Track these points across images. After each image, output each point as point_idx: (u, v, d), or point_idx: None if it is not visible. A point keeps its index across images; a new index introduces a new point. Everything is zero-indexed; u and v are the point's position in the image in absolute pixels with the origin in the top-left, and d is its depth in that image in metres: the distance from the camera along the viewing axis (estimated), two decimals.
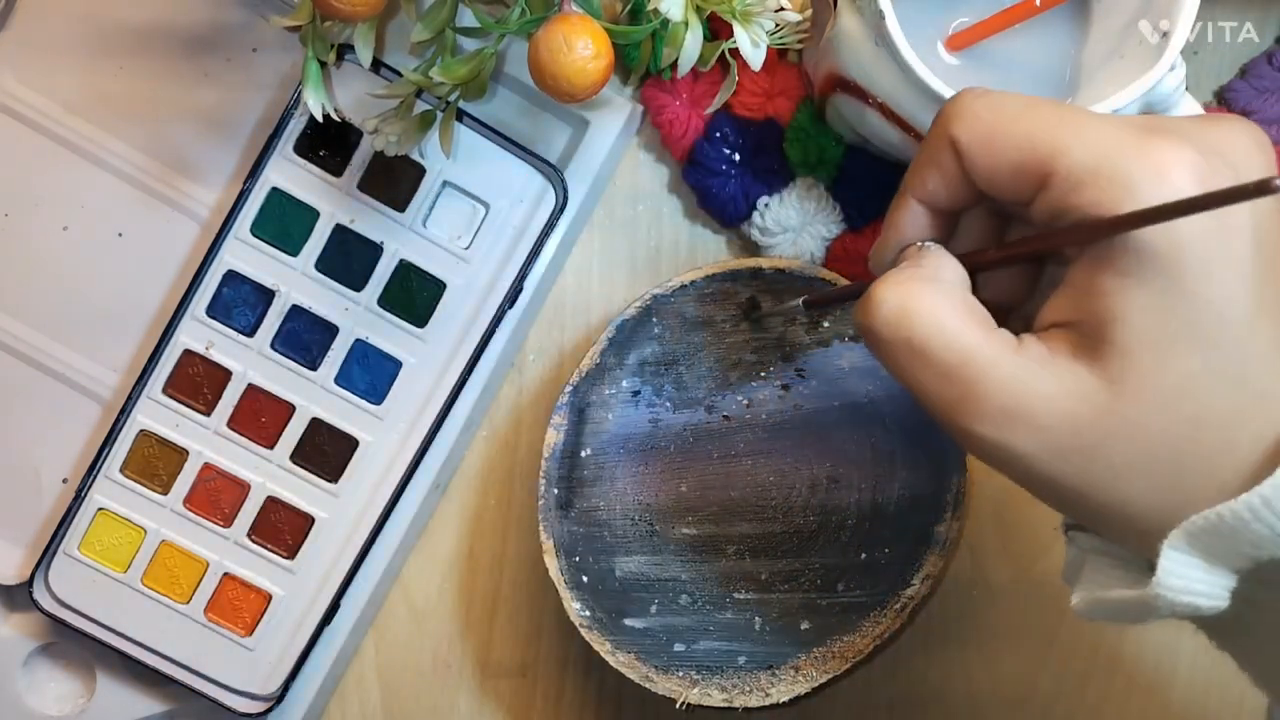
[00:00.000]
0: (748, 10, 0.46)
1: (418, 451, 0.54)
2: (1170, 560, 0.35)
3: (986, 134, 0.37)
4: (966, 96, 0.38)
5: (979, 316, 0.37)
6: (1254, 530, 0.34)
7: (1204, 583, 0.35)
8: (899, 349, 0.37)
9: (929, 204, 0.39)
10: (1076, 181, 0.35)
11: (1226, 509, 0.34)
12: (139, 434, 0.54)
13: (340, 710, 0.58)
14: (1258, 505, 0.34)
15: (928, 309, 0.37)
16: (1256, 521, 0.34)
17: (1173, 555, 0.35)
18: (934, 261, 0.39)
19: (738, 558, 0.55)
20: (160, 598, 0.54)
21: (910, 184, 0.39)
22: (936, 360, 0.36)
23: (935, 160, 0.38)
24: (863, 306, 0.38)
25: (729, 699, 0.52)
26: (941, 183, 0.38)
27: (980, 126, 0.37)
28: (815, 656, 0.53)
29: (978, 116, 0.37)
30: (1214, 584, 0.35)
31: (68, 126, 0.53)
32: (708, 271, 0.52)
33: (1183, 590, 0.35)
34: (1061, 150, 0.35)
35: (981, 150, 0.37)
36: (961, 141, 0.37)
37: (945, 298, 0.37)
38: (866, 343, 0.38)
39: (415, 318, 0.54)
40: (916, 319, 0.37)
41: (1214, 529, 0.34)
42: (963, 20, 0.50)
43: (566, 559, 0.53)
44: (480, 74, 0.49)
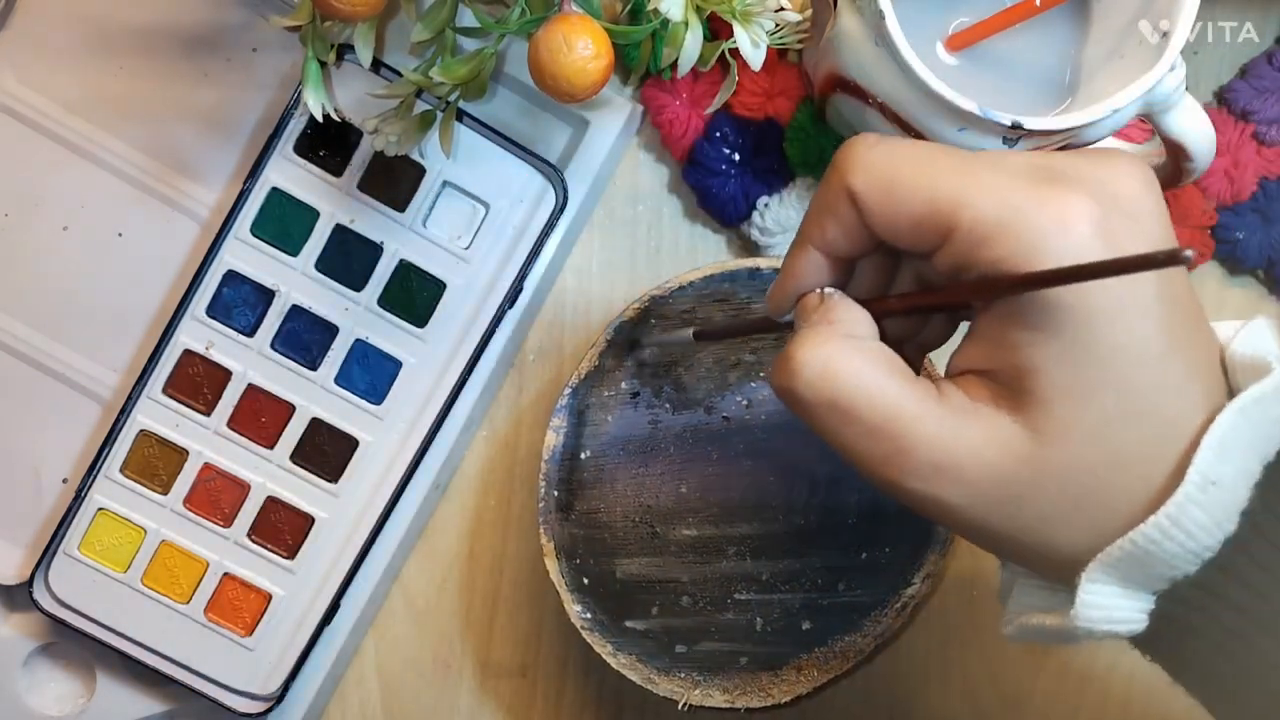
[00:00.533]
0: (748, 10, 0.46)
1: (418, 451, 0.54)
2: (1088, 592, 0.36)
3: (886, 185, 0.36)
4: (861, 145, 0.37)
5: (900, 370, 0.37)
6: (1166, 550, 0.35)
7: (1121, 609, 0.36)
8: (823, 410, 0.37)
9: (827, 252, 0.39)
10: (981, 236, 0.35)
11: (1138, 534, 0.35)
12: (139, 434, 0.54)
13: (340, 710, 0.58)
14: (1166, 525, 0.35)
15: (850, 369, 0.37)
16: (1167, 540, 0.35)
17: (1090, 588, 0.36)
18: (845, 315, 0.39)
19: (738, 558, 0.55)
20: (160, 598, 0.54)
21: (808, 232, 0.39)
22: (862, 419, 0.36)
23: (833, 210, 0.38)
24: (782, 369, 0.37)
25: (731, 700, 0.52)
26: (840, 232, 0.38)
27: (877, 177, 0.36)
28: (817, 656, 0.53)
29: (874, 166, 0.37)
30: (1131, 609, 0.36)
31: (68, 126, 0.53)
32: (706, 272, 0.52)
33: (1101, 619, 0.36)
34: (963, 204, 0.35)
35: (879, 202, 0.36)
36: (859, 192, 0.37)
37: (865, 355, 0.37)
38: (787, 404, 0.38)
39: (415, 318, 0.54)
40: (840, 379, 0.36)
41: (1129, 556, 0.35)
42: (962, 20, 0.50)
43: (567, 561, 0.53)
44: (480, 74, 0.49)
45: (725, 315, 0.54)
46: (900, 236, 0.37)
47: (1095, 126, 0.46)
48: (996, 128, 0.45)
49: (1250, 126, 0.55)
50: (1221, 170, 0.55)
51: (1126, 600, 0.36)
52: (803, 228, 0.39)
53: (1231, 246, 0.56)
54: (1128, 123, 0.48)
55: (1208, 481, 0.35)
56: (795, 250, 0.40)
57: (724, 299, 0.53)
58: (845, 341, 0.37)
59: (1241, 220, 0.55)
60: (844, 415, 0.37)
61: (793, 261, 0.40)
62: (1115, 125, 0.47)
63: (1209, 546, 0.35)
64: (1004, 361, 0.36)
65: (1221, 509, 0.35)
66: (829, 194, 0.38)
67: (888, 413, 0.36)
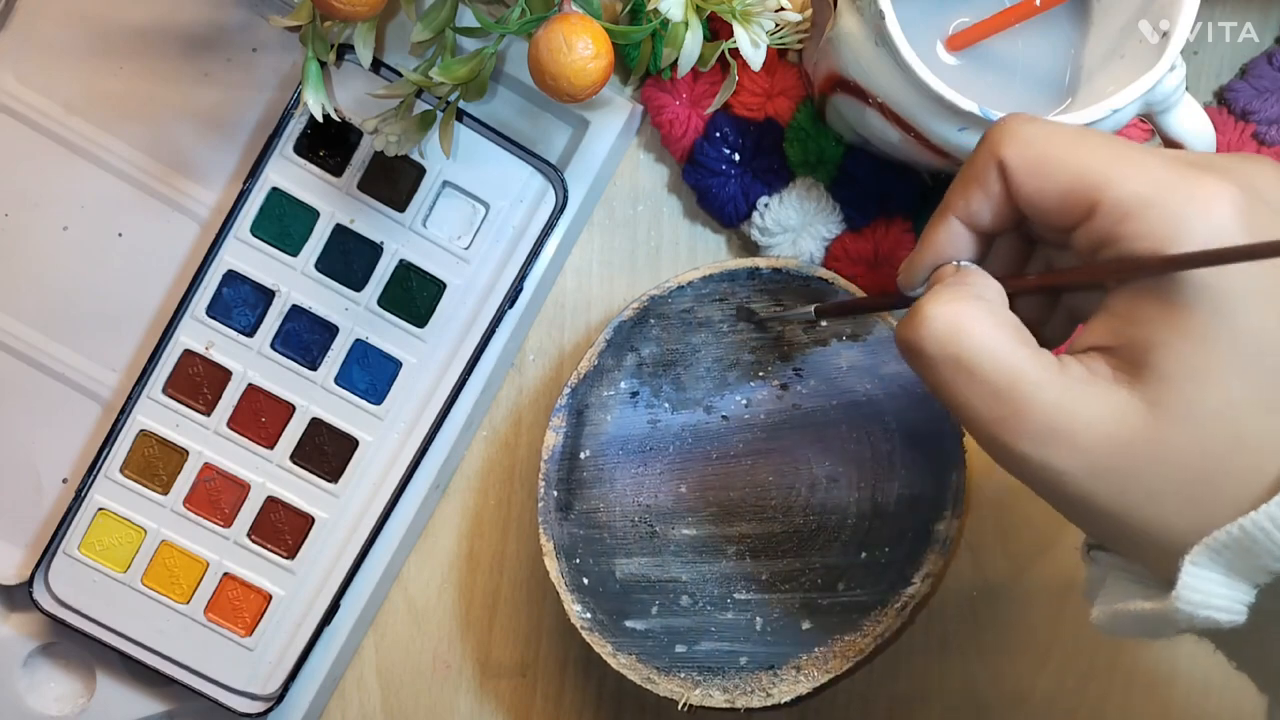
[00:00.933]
0: (748, 10, 0.46)
1: (418, 451, 0.54)
2: (1190, 575, 0.36)
3: (1037, 159, 0.37)
4: (1016, 120, 0.38)
5: (1025, 337, 0.38)
6: (1275, 540, 0.35)
7: (1223, 597, 0.36)
8: (946, 366, 0.37)
9: (969, 224, 0.40)
10: (1124, 213, 0.36)
11: (1247, 520, 0.35)
12: (139, 434, 0.54)
13: (340, 710, 0.58)
14: (1277, 514, 0.34)
15: (978, 328, 0.37)
16: (1276, 530, 0.35)
17: (1193, 570, 0.36)
18: (978, 281, 0.39)
19: (738, 558, 0.55)
20: (160, 598, 0.54)
21: (952, 202, 0.40)
22: (985, 378, 0.37)
23: (981, 180, 0.39)
24: (910, 323, 0.38)
25: (731, 700, 0.52)
26: (985, 203, 0.39)
27: (1031, 151, 0.37)
28: (817, 656, 0.53)
29: (1030, 142, 0.38)
30: (1233, 598, 0.36)
31: (68, 126, 0.53)
32: (705, 272, 0.52)
33: (1201, 604, 0.36)
34: (1111, 181, 0.36)
35: (1030, 175, 0.37)
36: (1010, 164, 0.38)
37: (994, 317, 0.38)
38: (908, 358, 0.39)
39: (415, 318, 0.54)
40: (966, 337, 0.37)
41: (1235, 543, 0.35)
42: (963, 20, 0.50)
43: (567, 561, 0.53)
44: (480, 74, 0.49)
45: (724, 314, 0.54)
46: (1045, 210, 0.38)
47: (1095, 126, 0.46)
48: None
49: (1250, 126, 0.55)
50: None
51: (1228, 589, 0.36)
52: (947, 199, 0.40)
53: None
54: (1128, 123, 0.48)
55: None
56: (936, 221, 0.40)
57: (723, 299, 0.53)
58: (975, 302, 0.38)
59: None
60: (968, 373, 0.37)
61: (933, 232, 0.40)
62: (1115, 125, 0.47)
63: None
64: (1132, 336, 0.36)
65: None
66: (978, 165, 0.38)
67: (1010, 375, 0.37)
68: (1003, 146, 0.38)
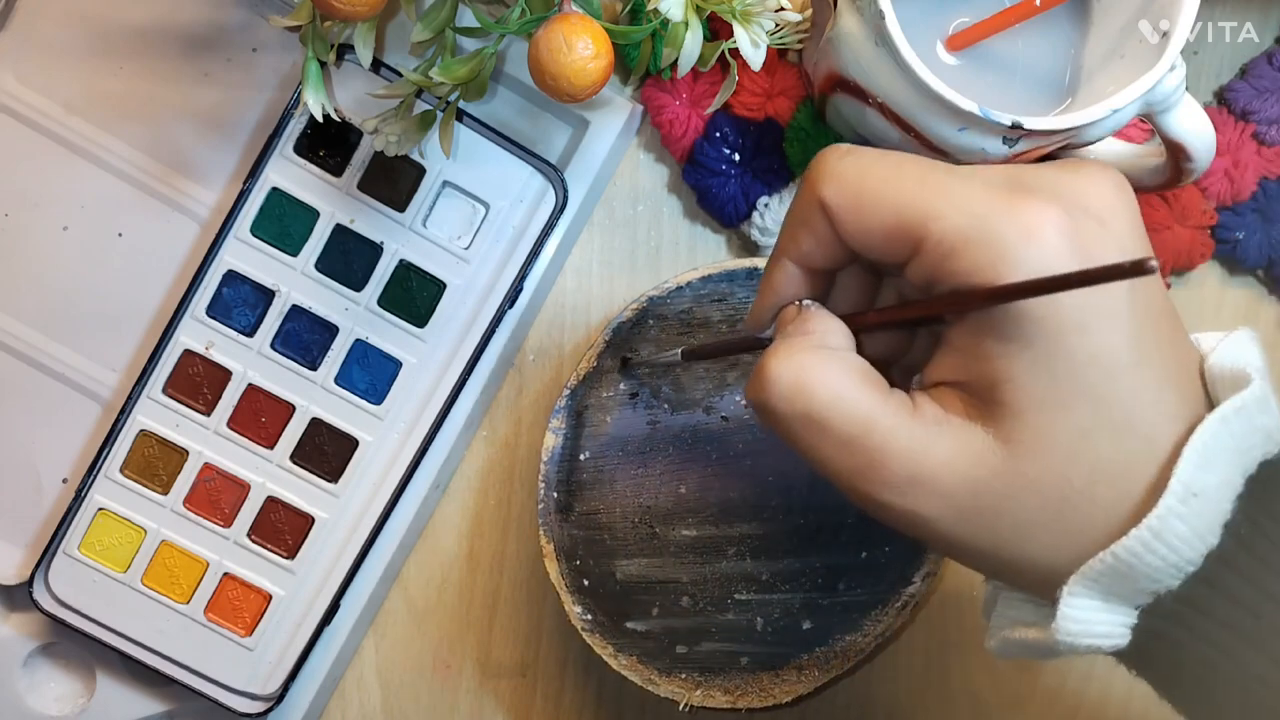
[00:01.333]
0: (748, 10, 0.46)
1: (418, 451, 0.54)
2: (1069, 606, 0.36)
3: (854, 197, 0.36)
4: (831, 156, 0.37)
5: (874, 381, 0.37)
6: (1148, 563, 0.35)
7: (1103, 623, 0.36)
8: (797, 423, 0.37)
9: (803, 264, 0.39)
10: (949, 248, 0.35)
11: (1119, 546, 0.35)
12: (139, 434, 0.54)
13: (340, 710, 0.58)
14: (1148, 537, 0.34)
15: (824, 380, 0.36)
16: (1149, 553, 0.35)
17: (1071, 601, 0.36)
18: (820, 326, 0.38)
19: (738, 558, 0.55)
20: (160, 598, 0.54)
21: (783, 246, 0.39)
22: (837, 432, 0.36)
23: (806, 221, 0.38)
24: (756, 382, 0.37)
25: (732, 700, 0.52)
26: (814, 244, 0.38)
27: (848, 189, 0.36)
28: (817, 656, 0.53)
29: (844, 179, 0.37)
30: (1113, 623, 0.36)
31: (68, 126, 0.53)
32: (704, 273, 0.52)
33: (1082, 633, 0.36)
34: (931, 215, 0.35)
35: (850, 214, 0.36)
36: (830, 204, 0.37)
37: (839, 365, 0.37)
38: (760, 417, 0.38)
39: (415, 318, 0.54)
40: (814, 391, 0.36)
41: (1110, 570, 0.35)
42: (963, 20, 0.50)
43: (567, 562, 0.53)
44: (480, 74, 0.49)
45: (723, 314, 0.54)
46: (871, 248, 0.37)
47: (1095, 126, 0.46)
48: (996, 128, 0.45)
49: (1250, 126, 0.55)
50: (1221, 170, 0.55)
51: (1109, 614, 0.36)
52: (779, 241, 0.39)
53: (1231, 246, 0.56)
54: (1128, 123, 0.48)
55: (1189, 492, 0.34)
56: (772, 264, 0.40)
57: (722, 299, 0.53)
58: (818, 352, 0.37)
59: (1241, 220, 0.55)
60: (818, 428, 0.36)
61: (770, 275, 0.40)
62: (1115, 125, 0.47)
63: (1191, 560, 0.35)
64: (976, 373, 0.36)
65: (1203, 521, 0.35)
66: (801, 206, 0.38)
67: (861, 425, 0.36)
68: (821, 185, 0.37)
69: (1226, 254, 0.56)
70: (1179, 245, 0.55)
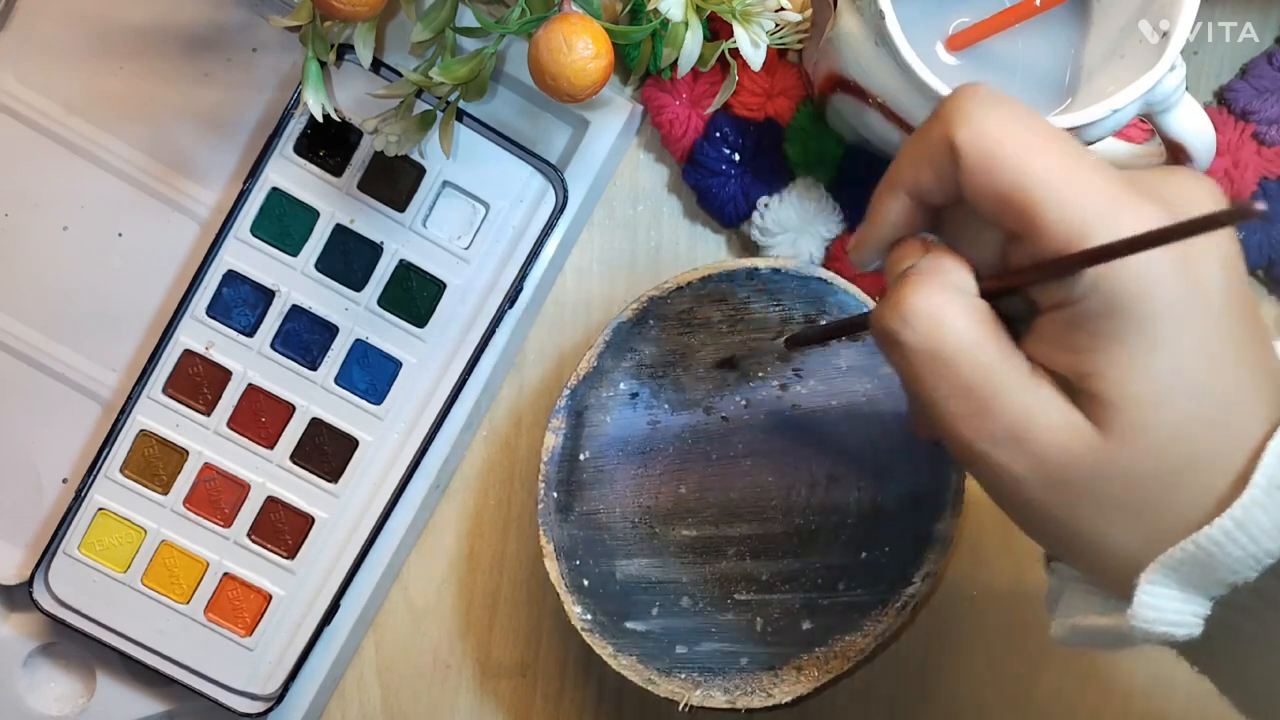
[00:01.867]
0: (748, 10, 0.46)
1: (418, 451, 0.54)
2: (1146, 593, 0.36)
3: (987, 152, 0.36)
4: (975, 100, 0.36)
5: (1001, 334, 0.37)
6: (1229, 554, 0.35)
7: (1178, 612, 0.36)
8: (924, 358, 0.37)
9: (918, 198, 0.38)
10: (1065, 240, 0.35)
11: (1202, 535, 0.35)
12: (139, 434, 0.54)
13: (340, 710, 0.58)
14: (1230, 528, 0.35)
15: (959, 322, 0.37)
16: (1231, 544, 0.35)
17: (1149, 589, 0.36)
18: (951, 265, 0.38)
19: (738, 559, 0.55)
20: (160, 598, 0.54)
21: (900, 177, 0.38)
22: (960, 374, 0.36)
23: (933, 159, 0.37)
24: (890, 312, 0.37)
25: (731, 700, 0.52)
26: (935, 181, 0.37)
27: (984, 142, 0.36)
28: (817, 656, 0.53)
29: (984, 130, 0.36)
30: (1188, 613, 0.36)
31: (68, 126, 0.53)
32: (704, 273, 0.52)
33: (1156, 620, 0.36)
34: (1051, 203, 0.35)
35: (978, 168, 0.36)
36: (962, 150, 0.36)
37: (975, 310, 0.37)
38: (884, 346, 0.38)
39: (415, 318, 0.54)
40: (947, 330, 0.36)
41: (1190, 559, 0.35)
42: (962, 20, 0.50)
43: (567, 562, 0.53)
44: (480, 74, 0.49)
45: (723, 314, 0.54)
46: (983, 206, 0.36)
47: (1095, 126, 0.46)
48: None
49: (1250, 126, 0.55)
50: (1221, 170, 0.55)
51: (1184, 604, 0.36)
52: (894, 172, 0.39)
53: None
54: (1128, 123, 0.48)
55: (1274, 485, 0.35)
56: (885, 194, 0.39)
57: (722, 299, 0.53)
58: (955, 293, 0.37)
59: None
60: (944, 367, 0.36)
61: (881, 206, 0.39)
62: (1115, 125, 0.47)
63: (1271, 552, 0.35)
64: (1064, 364, 0.36)
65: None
66: (929, 141, 0.37)
67: (984, 373, 0.36)
68: (957, 127, 0.36)
69: None
70: None
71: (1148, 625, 0.36)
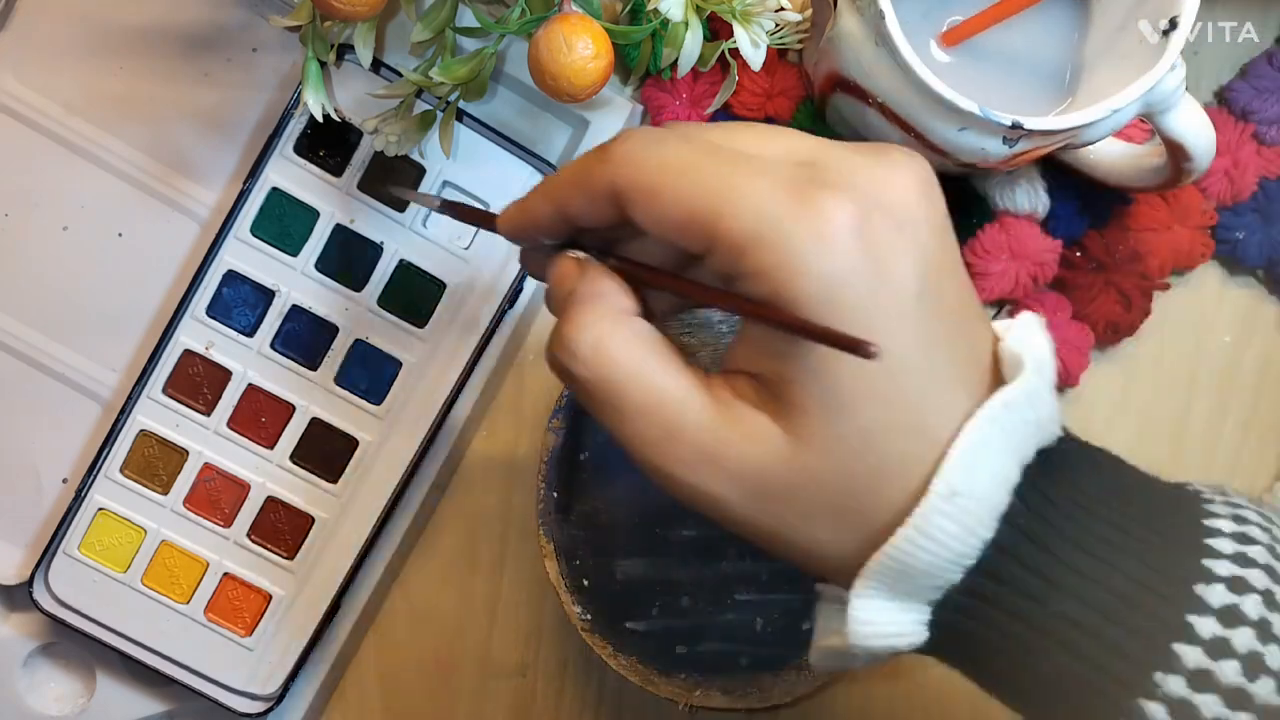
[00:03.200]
0: (747, 10, 0.46)
1: (418, 451, 0.54)
2: (857, 608, 0.35)
3: (649, 189, 0.36)
4: (630, 144, 0.36)
5: (669, 353, 0.37)
6: (922, 560, 0.35)
7: (896, 623, 0.36)
8: (598, 389, 0.36)
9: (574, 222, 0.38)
10: (739, 249, 0.34)
11: (890, 546, 0.35)
12: (139, 434, 0.54)
13: (340, 710, 0.58)
14: (914, 536, 0.34)
15: (623, 351, 0.36)
16: (920, 551, 0.34)
17: (859, 603, 0.35)
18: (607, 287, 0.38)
19: (738, 559, 0.55)
20: (160, 598, 0.54)
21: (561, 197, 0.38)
22: (633, 401, 0.36)
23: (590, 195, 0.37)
24: (557, 346, 0.37)
25: (731, 700, 0.52)
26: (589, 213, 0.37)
27: (643, 180, 0.36)
28: None
29: (641, 168, 0.36)
30: (907, 621, 0.36)
31: (68, 126, 0.53)
32: None
33: (873, 634, 0.36)
34: (721, 215, 0.34)
35: (644, 205, 0.36)
36: (622, 191, 0.36)
37: (636, 335, 0.37)
38: (563, 380, 0.38)
39: (415, 318, 0.54)
40: (614, 360, 0.36)
41: (887, 569, 0.35)
42: (955, 19, 0.50)
43: (567, 562, 0.53)
44: (480, 74, 0.49)
45: (722, 314, 0.53)
46: (667, 238, 0.36)
47: (1095, 126, 0.46)
48: (997, 128, 0.45)
49: (1250, 126, 0.55)
50: (1221, 170, 0.55)
51: (902, 613, 0.36)
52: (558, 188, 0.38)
53: (1231, 246, 0.56)
54: (1128, 123, 0.48)
55: (952, 492, 0.34)
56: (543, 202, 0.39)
57: None
58: (615, 319, 0.37)
59: (1241, 220, 0.55)
60: (618, 397, 0.36)
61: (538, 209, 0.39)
62: (1115, 125, 0.47)
63: (964, 554, 0.35)
64: (765, 367, 0.36)
65: (972, 517, 0.35)
66: (588, 179, 0.37)
67: (659, 397, 0.36)
68: (615, 169, 0.36)
69: (1226, 254, 0.56)
70: (1179, 245, 0.55)
71: (864, 640, 0.36)
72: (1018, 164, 0.49)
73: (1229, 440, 0.57)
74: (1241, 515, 0.37)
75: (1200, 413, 0.57)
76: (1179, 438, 0.57)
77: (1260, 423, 0.57)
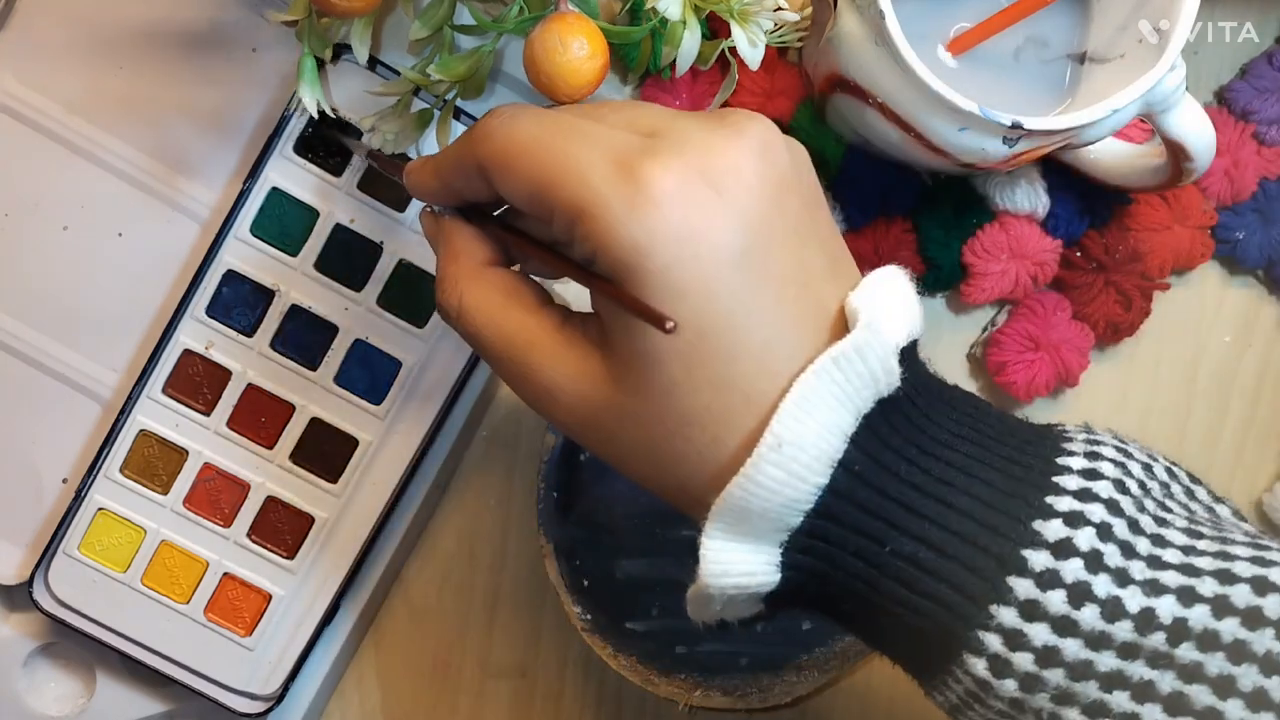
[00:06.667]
0: (745, 9, 0.46)
1: (418, 451, 0.54)
2: (707, 547, 0.37)
3: (503, 162, 0.38)
4: (492, 119, 0.39)
5: (521, 297, 0.40)
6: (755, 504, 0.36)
7: (745, 563, 0.37)
8: (469, 340, 0.41)
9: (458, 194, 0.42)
10: (572, 218, 0.37)
11: (726, 491, 0.36)
12: (139, 434, 0.54)
13: (340, 710, 0.58)
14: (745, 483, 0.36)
15: (477, 298, 0.40)
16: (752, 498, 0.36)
17: (708, 541, 0.37)
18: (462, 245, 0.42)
19: None
20: (160, 598, 0.54)
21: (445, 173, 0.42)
22: (494, 347, 0.40)
23: (465, 174, 0.40)
24: (437, 298, 0.41)
25: (731, 701, 0.52)
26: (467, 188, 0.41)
27: (500, 153, 0.39)
28: (817, 656, 0.53)
29: (494, 142, 0.39)
30: (756, 563, 0.37)
31: (68, 126, 0.53)
32: None
33: (723, 573, 0.37)
34: (555, 185, 0.37)
35: (499, 179, 0.39)
36: (488, 165, 0.39)
37: (492, 286, 0.41)
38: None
39: (415, 318, 0.54)
40: (471, 309, 0.40)
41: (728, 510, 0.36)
42: (962, 25, 0.50)
43: (567, 562, 0.53)
44: (478, 72, 0.49)
45: None
46: (522, 208, 0.39)
47: (1095, 126, 0.46)
48: (996, 128, 0.45)
49: (1250, 126, 0.55)
50: (1221, 170, 0.55)
51: (753, 554, 0.37)
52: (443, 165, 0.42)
53: (1231, 246, 0.55)
54: (1128, 123, 0.48)
55: (779, 442, 0.35)
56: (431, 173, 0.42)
57: None
58: (474, 274, 0.41)
59: (1241, 220, 0.55)
60: (480, 342, 0.40)
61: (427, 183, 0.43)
62: (1115, 125, 0.47)
63: (796, 499, 0.36)
64: (605, 313, 0.38)
65: (800, 465, 0.36)
66: (463, 159, 0.40)
67: (508, 341, 0.40)
68: (479, 146, 0.39)
69: (1226, 254, 0.56)
70: (1179, 245, 0.55)
71: (715, 579, 0.37)
72: (1018, 164, 0.49)
73: (1229, 440, 0.57)
74: (1096, 451, 0.38)
75: (1200, 413, 0.57)
76: (1179, 438, 0.57)
77: (1260, 423, 0.57)
